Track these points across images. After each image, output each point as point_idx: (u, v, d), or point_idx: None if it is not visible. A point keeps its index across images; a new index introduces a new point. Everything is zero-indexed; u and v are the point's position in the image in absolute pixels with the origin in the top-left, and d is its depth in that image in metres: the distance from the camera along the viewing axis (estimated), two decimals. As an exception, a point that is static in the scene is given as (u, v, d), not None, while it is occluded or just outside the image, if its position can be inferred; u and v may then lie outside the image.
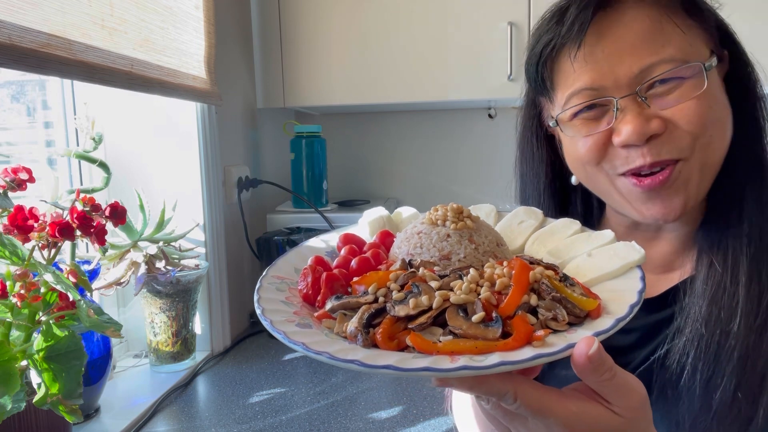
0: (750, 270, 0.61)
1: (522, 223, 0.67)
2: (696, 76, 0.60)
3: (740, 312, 0.59)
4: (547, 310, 0.46)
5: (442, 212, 0.60)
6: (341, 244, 0.62)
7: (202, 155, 1.44)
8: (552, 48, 0.65)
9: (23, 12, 0.84)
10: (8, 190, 0.87)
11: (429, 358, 0.41)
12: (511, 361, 0.40)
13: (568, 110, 0.65)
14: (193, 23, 1.38)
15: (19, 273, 0.77)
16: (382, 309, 0.46)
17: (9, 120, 1.26)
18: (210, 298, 1.48)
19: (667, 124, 0.60)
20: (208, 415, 1.15)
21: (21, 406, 0.72)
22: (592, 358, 0.40)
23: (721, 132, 0.63)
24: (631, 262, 0.53)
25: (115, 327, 0.81)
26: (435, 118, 2.14)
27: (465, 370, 0.39)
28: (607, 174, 0.66)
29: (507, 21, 1.66)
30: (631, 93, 0.61)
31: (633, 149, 0.62)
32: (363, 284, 0.50)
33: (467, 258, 0.56)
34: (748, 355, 0.58)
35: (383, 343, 0.44)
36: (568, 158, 0.71)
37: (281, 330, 0.45)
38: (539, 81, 0.69)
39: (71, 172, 1.36)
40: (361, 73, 1.74)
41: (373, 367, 0.40)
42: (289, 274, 0.58)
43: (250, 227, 1.70)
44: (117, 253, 1.24)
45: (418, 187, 2.17)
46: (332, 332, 0.47)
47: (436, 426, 1.07)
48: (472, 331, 0.43)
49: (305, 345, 0.42)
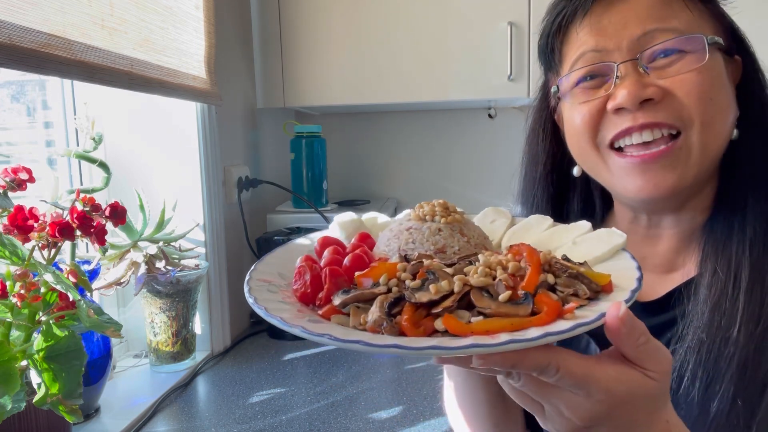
0: (752, 277, 0.60)
1: (494, 222, 0.67)
2: (698, 51, 0.60)
3: (740, 319, 0.59)
4: (565, 286, 0.46)
5: (429, 208, 0.60)
6: (320, 247, 0.61)
7: (202, 155, 1.44)
8: (563, 17, 0.66)
9: (23, 12, 0.84)
10: (8, 190, 0.87)
11: (471, 337, 0.41)
12: (555, 331, 0.39)
13: (571, 74, 0.66)
14: (193, 23, 1.38)
15: (19, 273, 0.77)
16: (400, 298, 0.45)
17: (9, 120, 1.26)
18: (210, 298, 1.48)
19: (664, 93, 0.60)
20: (208, 415, 1.15)
21: (21, 406, 0.72)
22: (623, 319, 0.41)
23: (722, 116, 0.62)
24: (617, 245, 0.54)
25: (115, 327, 0.81)
26: (435, 118, 2.14)
27: (512, 344, 0.38)
28: (597, 147, 0.66)
29: (507, 21, 1.66)
30: (632, 58, 0.61)
31: (625, 114, 0.62)
32: (370, 277, 0.48)
33: (461, 250, 0.56)
34: (747, 362, 0.58)
35: (410, 329, 0.43)
36: (567, 136, 0.71)
37: (298, 324, 0.43)
38: (548, 53, 0.70)
39: (71, 172, 1.36)
40: (361, 73, 1.74)
41: (417, 349, 0.39)
42: (274, 278, 0.55)
43: (250, 227, 1.70)
44: (117, 253, 1.24)
45: (418, 187, 2.17)
46: (347, 327, 0.46)
47: (436, 426, 1.07)
48: (503, 309, 0.43)
49: (332, 336, 0.41)
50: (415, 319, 0.43)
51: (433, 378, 1.27)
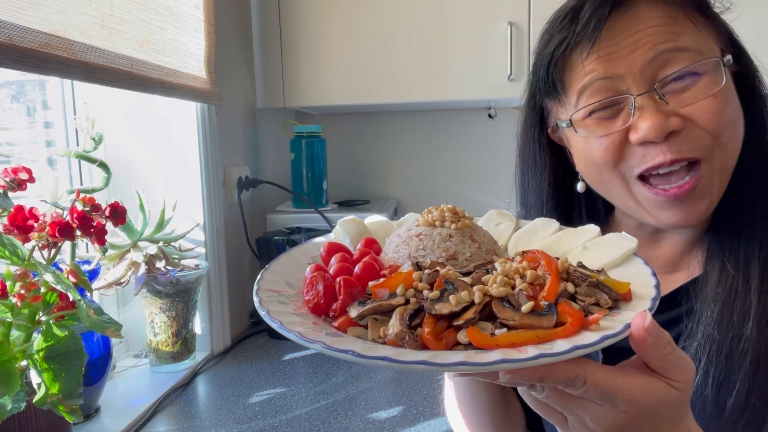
0: (763, 273, 0.60)
1: (499, 225, 0.67)
2: (712, 72, 0.60)
3: (753, 316, 0.59)
4: (586, 296, 0.45)
5: (438, 213, 0.59)
6: (326, 254, 0.59)
7: (202, 155, 1.44)
8: (566, 47, 0.64)
9: (23, 12, 0.84)
10: (8, 190, 0.87)
11: (498, 352, 0.40)
12: (583, 344, 0.39)
13: (581, 109, 0.64)
14: (193, 23, 1.38)
15: (19, 273, 0.77)
16: (419, 309, 0.44)
17: (9, 120, 1.26)
18: (210, 298, 1.48)
19: (685, 122, 0.60)
20: (208, 415, 1.15)
21: (21, 406, 0.72)
22: (649, 330, 0.41)
23: (735, 133, 0.63)
24: (629, 250, 0.54)
25: (115, 327, 0.81)
26: (435, 118, 2.14)
27: (542, 358, 0.38)
28: (623, 177, 0.65)
29: (507, 21, 1.66)
30: (648, 90, 0.60)
31: (651, 147, 0.61)
32: (386, 287, 0.47)
33: (473, 257, 0.56)
34: (760, 359, 0.58)
35: (432, 342, 0.42)
36: (580, 162, 0.70)
37: (317, 340, 0.41)
38: (549, 83, 0.67)
39: (71, 172, 1.36)
40: (361, 73, 1.74)
41: (445, 365, 0.38)
42: (282, 288, 0.54)
43: (250, 227, 1.70)
44: (117, 253, 1.24)
45: (418, 187, 2.18)
46: (365, 340, 0.44)
47: (436, 426, 1.07)
48: (527, 320, 0.42)
49: (355, 352, 0.39)
50: (437, 332, 0.43)
51: (433, 378, 1.27)
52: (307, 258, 0.61)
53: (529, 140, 0.77)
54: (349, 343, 0.42)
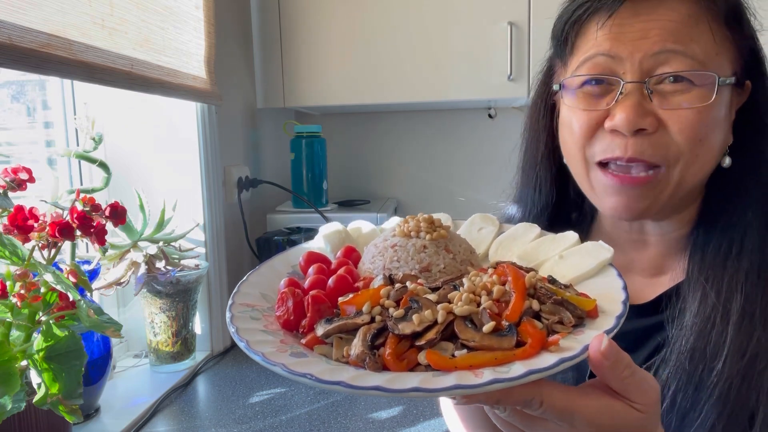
0: (743, 308, 0.59)
1: (481, 230, 0.66)
2: (706, 87, 0.59)
3: (727, 350, 0.58)
4: (550, 314, 0.45)
5: (414, 223, 0.59)
6: (305, 263, 0.59)
7: (202, 155, 1.44)
8: (585, 10, 0.64)
9: (23, 12, 0.84)
10: (8, 190, 0.87)
11: (453, 375, 0.40)
12: (539, 368, 0.39)
13: (577, 77, 0.65)
14: (193, 23, 1.38)
15: (19, 273, 0.77)
16: (383, 328, 0.44)
17: (9, 120, 1.26)
18: (210, 298, 1.48)
19: (659, 125, 0.60)
20: (208, 415, 1.15)
21: (21, 406, 0.72)
22: (605, 353, 0.41)
23: (708, 155, 0.62)
24: (604, 261, 0.54)
25: (115, 327, 0.81)
26: (435, 118, 2.14)
27: (496, 384, 0.38)
28: (585, 160, 0.66)
29: (507, 21, 1.66)
30: (640, 81, 0.60)
31: (618, 137, 0.62)
32: (353, 305, 0.47)
33: (447, 268, 0.56)
34: (730, 393, 0.57)
35: (393, 363, 0.42)
36: (561, 128, 0.71)
37: (279, 362, 0.42)
38: (562, 40, 0.68)
39: (71, 172, 1.36)
40: (361, 73, 1.74)
41: (399, 391, 0.38)
42: (257, 301, 0.54)
43: (250, 227, 1.70)
44: (117, 253, 1.24)
45: (418, 187, 2.17)
46: (330, 359, 0.45)
47: (436, 426, 1.07)
48: (486, 342, 0.42)
49: (313, 376, 0.40)
50: (399, 352, 0.43)
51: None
52: (287, 268, 0.62)
53: (538, 99, 0.78)
54: (308, 366, 0.42)
